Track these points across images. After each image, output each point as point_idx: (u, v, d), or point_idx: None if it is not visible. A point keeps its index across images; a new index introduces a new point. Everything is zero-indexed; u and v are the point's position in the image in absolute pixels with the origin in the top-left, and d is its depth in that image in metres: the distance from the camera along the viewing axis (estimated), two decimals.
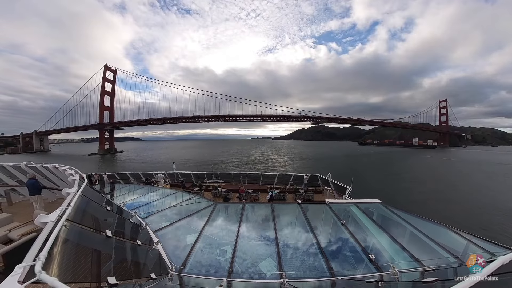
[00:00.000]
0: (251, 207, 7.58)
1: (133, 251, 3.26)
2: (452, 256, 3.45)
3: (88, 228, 2.72)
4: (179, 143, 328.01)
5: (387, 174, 37.16)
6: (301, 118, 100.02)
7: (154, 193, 8.53)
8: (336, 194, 11.89)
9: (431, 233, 4.35)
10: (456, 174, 38.48)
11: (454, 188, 26.98)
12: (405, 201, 20.30)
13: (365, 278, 3.26)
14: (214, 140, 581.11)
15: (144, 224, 4.48)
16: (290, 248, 5.80)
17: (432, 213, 16.30)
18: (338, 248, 5.45)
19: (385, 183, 29.72)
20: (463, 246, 3.66)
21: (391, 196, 21.86)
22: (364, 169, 44.44)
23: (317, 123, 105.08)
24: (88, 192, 3.79)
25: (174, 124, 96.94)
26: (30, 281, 1.33)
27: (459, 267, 3.07)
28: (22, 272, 1.42)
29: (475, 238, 3.59)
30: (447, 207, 18.68)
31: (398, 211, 5.85)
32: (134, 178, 16.84)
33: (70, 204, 2.60)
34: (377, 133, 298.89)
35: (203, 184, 15.24)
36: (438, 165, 52.99)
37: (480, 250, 3.19)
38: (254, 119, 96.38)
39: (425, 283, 2.74)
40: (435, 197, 22.07)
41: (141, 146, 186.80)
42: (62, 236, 2.06)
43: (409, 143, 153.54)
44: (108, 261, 2.55)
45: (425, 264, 3.33)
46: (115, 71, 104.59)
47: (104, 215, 3.69)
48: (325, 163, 55.75)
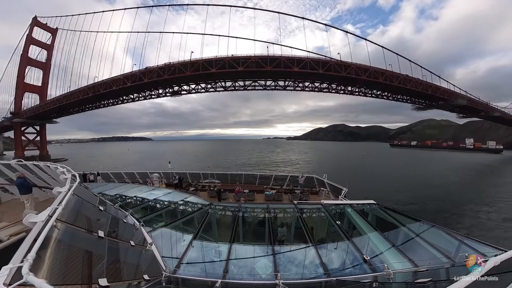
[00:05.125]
0: (247, 207, 7.56)
1: (126, 252, 3.20)
2: (444, 257, 3.51)
3: (80, 228, 2.65)
4: (185, 144, 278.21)
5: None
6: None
7: (149, 192, 8.41)
8: (332, 195, 11.97)
9: (424, 234, 4.42)
10: None
11: None
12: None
13: (359, 279, 3.28)
14: (221, 141, 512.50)
15: (138, 224, 4.41)
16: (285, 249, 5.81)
17: None
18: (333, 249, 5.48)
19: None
20: (455, 247, 3.73)
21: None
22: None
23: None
24: (80, 191, 3.70)
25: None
26: (17, 283, 1.28)
27: (451, 268, 3.13)
28: (8, 274, 1.37)
29: (467, 239, 3.66)
30: None
31: (392, 212, 5.92)
32: (128, 177, 16.61)
33: (61, 203, 2.53)
34: (415, 133, 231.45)
35: (199, 184, 15.13)
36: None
37: (472, 250, 3.25)
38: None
39: (419, 284, 2.78)
40: None
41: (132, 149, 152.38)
42: (52, 236, 2.00)
43: (461, 146, 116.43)
44: (100, 262, 2.49)
45: (419, 265, 3.38)
46: (55, 30, 62.32)
47: (96, 215, 3.61)
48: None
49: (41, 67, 62.43)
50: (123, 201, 6.87)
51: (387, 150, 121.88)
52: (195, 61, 38.45)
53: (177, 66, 38.37)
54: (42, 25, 61.87)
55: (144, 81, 40.66)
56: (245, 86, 48.22)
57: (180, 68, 38.44)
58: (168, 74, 39.09)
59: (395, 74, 42.42)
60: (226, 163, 54.46)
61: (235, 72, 39.56)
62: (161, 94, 49.38)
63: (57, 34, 63.43)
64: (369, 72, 40.18)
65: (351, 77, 39.57)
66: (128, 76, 41.83)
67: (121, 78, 42.23)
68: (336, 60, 39.48)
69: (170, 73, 39.08)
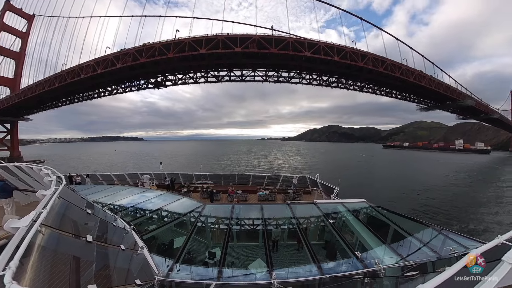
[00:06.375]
0: (241, 208, 7.53)
1: (117, 256, 3.09)
2: (431, 251, 3.67)
3: (66, 233, 2.54)
4: (178, 144, 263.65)
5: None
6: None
7: (140, 194, 8.18)
8: (324, 194, 12.19)
9: (412, 229, 4.61)
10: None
11: None
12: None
13: (352, 275, 3.37)
14: (215, 141, 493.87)
15: (128, 227, 4.28)
16: (279, 248, 5.85)
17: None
18: (326, 246, 5.59)
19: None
20: (440, 241, 3.91)
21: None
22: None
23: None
24: (66, 194, 3.54)
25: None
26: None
27: (437, 261, 3.28)
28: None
29: (452, 233, 3.86)
30: None
31: (382, 210, 6.12)
32: (118, 179, 16.06)
33: (45, 207, 2.41)
34: (407, 134, 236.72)
35: (191, 185, 14.90)
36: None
37: (455, 244, 3.43)
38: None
39: (407, 277, 2.89)
40: None
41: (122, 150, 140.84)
42: (36, 242, 1.90)
43: (451, 146, 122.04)
44: (89, 268, 2.39)
45: (407, 259, 3.51)
46: (31, 16, 56.54)
47: (84, 218, 3.46)
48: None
49: (14, 57, 55.41)
50: (112, 204, 6.64)
51: (381, 151, 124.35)
52: (180, 40, 31.64)
53: (157, 46, 32.00)
54: (16, 9, 54.80)
55: (117, 67, 33.67)
56: (242, 76, 40.69)
57: (161, 49, 31.94)
58: (146, 57, 32.58)
59: (411, 69, 39.85)
60: (220, 167, 50.35)
61: (231, 55, 32.96)
62: (143, 85, 43.04)
63: (34, 21, 56.32)
64: (386, 65, 36.40)
65: (368, 68, 35.42)
66: (99, 61, 34.85)
67: (91, 64, 35.29)
68: (352, 48, 34.88)
69: (149, 55, 32.44)
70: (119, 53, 34.24)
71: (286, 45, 31.70)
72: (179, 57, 32.60)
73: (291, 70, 40.80)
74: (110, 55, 34.71)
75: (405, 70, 38.93)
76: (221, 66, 38.66)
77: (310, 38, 33.62)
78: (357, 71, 37.55)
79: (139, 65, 34.21)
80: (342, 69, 37.81)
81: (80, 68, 36.75)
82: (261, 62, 36.56)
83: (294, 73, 41.67)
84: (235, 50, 31.13)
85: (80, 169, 36.61)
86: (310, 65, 36.61)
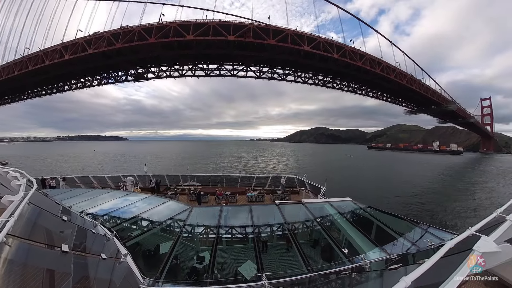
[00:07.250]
0: (229, 210, 7.45)
1: (97, 266, 2.88)
2: (411, 244, 3.91)
3: (38, 243, 2.31)
4: (164, 145, 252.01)
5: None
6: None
7: (122, 198, 7.74)
8: (312, 194, 12.47)
9: (394, 225, 4.88)
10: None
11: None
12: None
13: (340, 271, 3.47)
14: (203, 142, 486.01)
15: (110, 234, 4.01)
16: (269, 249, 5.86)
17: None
18: (314, 245, 5.70)
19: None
20: (419, 235, 4.18)
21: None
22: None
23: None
24: (38, 200, 3.23)
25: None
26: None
27: (417, 253, 3.49)
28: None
29: (430, 227, 4.14)
30: None
31: (366, 207, 6.40)
32: (98, 182, 15.04)
33: (12, 214, 2.17)
34: (390, 136, 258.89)
35: (178, 188, 14.43)
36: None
37: (433, 237, 3.68)
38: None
39: (391, 269, 3.04)
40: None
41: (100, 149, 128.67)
42: (1, 256, 1.70)
43: (429, 148, 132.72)
44: (66, 281, 2.19)
45: (390, 253, 3.70)
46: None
47: (59, 226, 3.18)
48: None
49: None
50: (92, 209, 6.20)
51: (366, 152, 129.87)
52: (164, 24, 27.49)
53: (136, 30, 27.33)
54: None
55: (89, 52, 28.25)
56: (233, 70, 36.70)
57: (141, 33, 27.16)
58: (123, 42, 27.47)
59: (403, 73, 41.75)
60: (207, 170, 47.97)
61: (222, 43, 29.01)
62: (121, 77, 37.81)
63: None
64: (382, 66, 37.38)
65: (366, 68, 35.55)
66: (68, 45, 29.33)
67: (58, 49, 29.87)
68: (351, 47, 34.75)
69: (126, 39, 27.41)
70: (91, 36, 29.53)
71: (285, 37, 30.10)
72: (162, 43, 28.38)
73: (286, 67, 39.42)
74: (81, 39, 29.72)
75: (399, 73, 40.95)
76: (210, 58, 35.61)
77: (309, 32, 32.51)
78: (355, 71, 37.76)
79: (115, 51, 29.24)
80: (340, 68, 37.26)
81: (44, 54, 31.13)
82: (255, 55, 33.48)
83: (290, 71, 40.23)
84: (228, 38, 28.63)
85: (46, 173, 33.08)
86: (309, 61, 35.19)
